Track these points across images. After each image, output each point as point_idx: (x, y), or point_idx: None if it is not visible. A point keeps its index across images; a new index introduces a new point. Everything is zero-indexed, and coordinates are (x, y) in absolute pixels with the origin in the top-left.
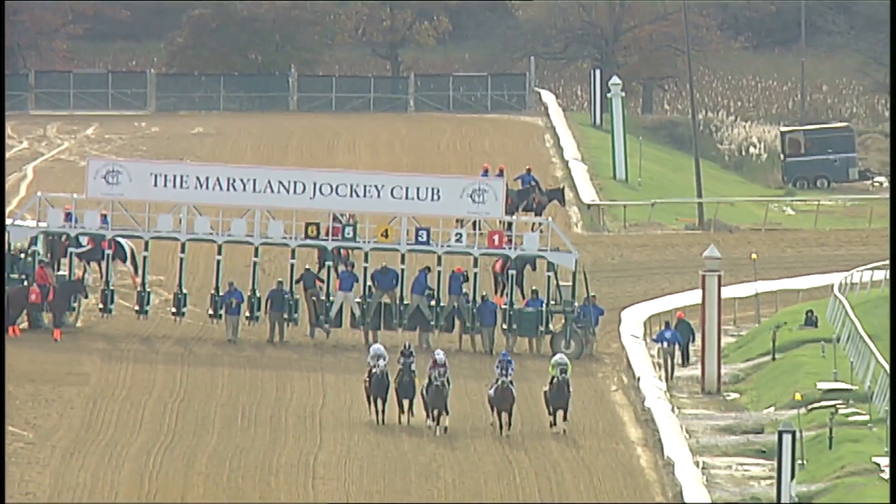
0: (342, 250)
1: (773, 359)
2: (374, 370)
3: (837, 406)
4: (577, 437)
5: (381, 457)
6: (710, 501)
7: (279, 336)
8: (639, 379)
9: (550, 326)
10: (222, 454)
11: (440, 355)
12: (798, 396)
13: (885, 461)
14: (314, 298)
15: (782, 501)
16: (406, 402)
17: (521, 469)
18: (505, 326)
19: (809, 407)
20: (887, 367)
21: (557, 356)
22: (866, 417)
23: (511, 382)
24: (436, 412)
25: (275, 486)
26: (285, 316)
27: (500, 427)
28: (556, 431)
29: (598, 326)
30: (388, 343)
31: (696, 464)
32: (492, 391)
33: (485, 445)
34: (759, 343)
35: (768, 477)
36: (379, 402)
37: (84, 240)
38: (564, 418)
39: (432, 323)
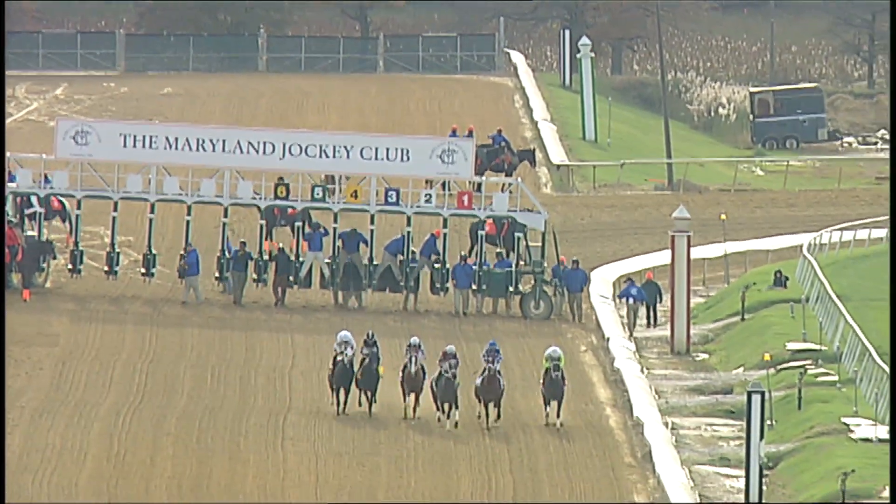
0: (289, 210)
1: (743, 319)
2: (339, 358)
3: (806, 366)
4: None
5: (350, 417)
6: (679, 461)
7: (238, 297)
8: (608, 339)
9: (520, 287)
10: (192, 415)
11: (450, 347)
12: (767, 357)
13: (853, 421)
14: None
15: (751, 462)
16: (368, 393)
17: (490, 431)
18: (475, 287)
19: (778, 367)
20: (856, 327)
21: (550, 349)
22: (835, 378)
23: (499, 372)
24: (446, 406)
25: (244, 446)
26: (254, 276)
27: (488, 418)
28: (552, 424)
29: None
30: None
31: (666, 424)
32: (479, 381)
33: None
34: (728, 303)
35: (737, 437)
36: (342, 392)
37: (34, 200)
38: (558, 412)
39: (402, 283)
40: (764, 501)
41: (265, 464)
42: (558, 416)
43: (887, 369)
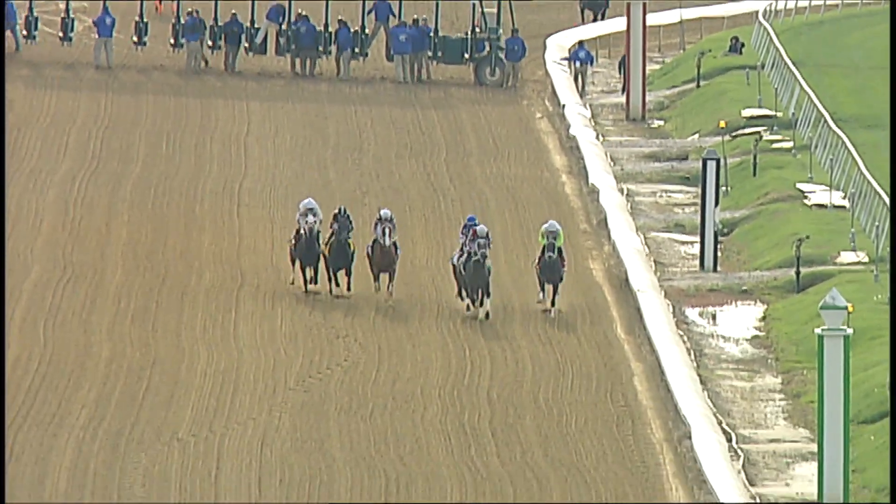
0: None
1: (698, 86)
2: (301, 230)
3: (761, 132)
4: (503, 166)
5: (305, 184)
6: (634, 228)
7: (203, 62)
8: (564, 106)
9: (475, 54)
10: (147, 181)
11: (481, 227)
12: (722, 123)
13: (808, 187)
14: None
15: (706, 228)
16: (342, 273)
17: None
18: (430, 54)
19: (734, 133)
20: (811, 93)
21: (548, 223)
22: (790, 144)
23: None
24: (478, 293)
25: (199, 212)
26: (209, 44)
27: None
28: (545, 310)
29: (524, 57)
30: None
31: (621, 191)
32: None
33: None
34: (683, 70)
35: (692, 203)
36: (309, 269)
37: None
38: (554, 294)
39: (356, 50)
40: (719, 268)
41: (221, 230)
42: (553, 302)
43: (842, 135)
